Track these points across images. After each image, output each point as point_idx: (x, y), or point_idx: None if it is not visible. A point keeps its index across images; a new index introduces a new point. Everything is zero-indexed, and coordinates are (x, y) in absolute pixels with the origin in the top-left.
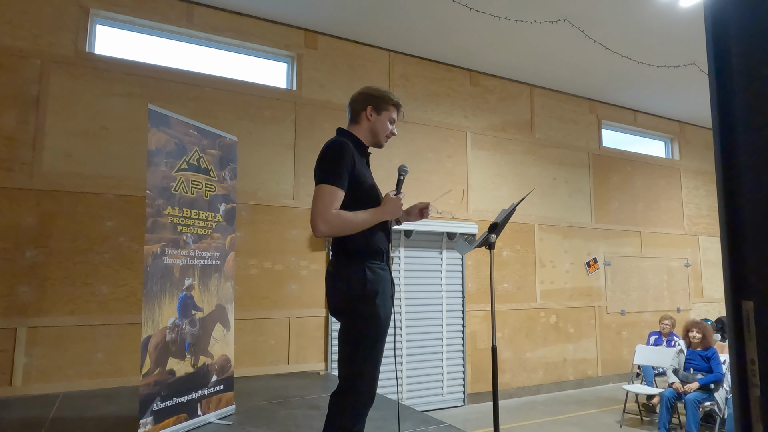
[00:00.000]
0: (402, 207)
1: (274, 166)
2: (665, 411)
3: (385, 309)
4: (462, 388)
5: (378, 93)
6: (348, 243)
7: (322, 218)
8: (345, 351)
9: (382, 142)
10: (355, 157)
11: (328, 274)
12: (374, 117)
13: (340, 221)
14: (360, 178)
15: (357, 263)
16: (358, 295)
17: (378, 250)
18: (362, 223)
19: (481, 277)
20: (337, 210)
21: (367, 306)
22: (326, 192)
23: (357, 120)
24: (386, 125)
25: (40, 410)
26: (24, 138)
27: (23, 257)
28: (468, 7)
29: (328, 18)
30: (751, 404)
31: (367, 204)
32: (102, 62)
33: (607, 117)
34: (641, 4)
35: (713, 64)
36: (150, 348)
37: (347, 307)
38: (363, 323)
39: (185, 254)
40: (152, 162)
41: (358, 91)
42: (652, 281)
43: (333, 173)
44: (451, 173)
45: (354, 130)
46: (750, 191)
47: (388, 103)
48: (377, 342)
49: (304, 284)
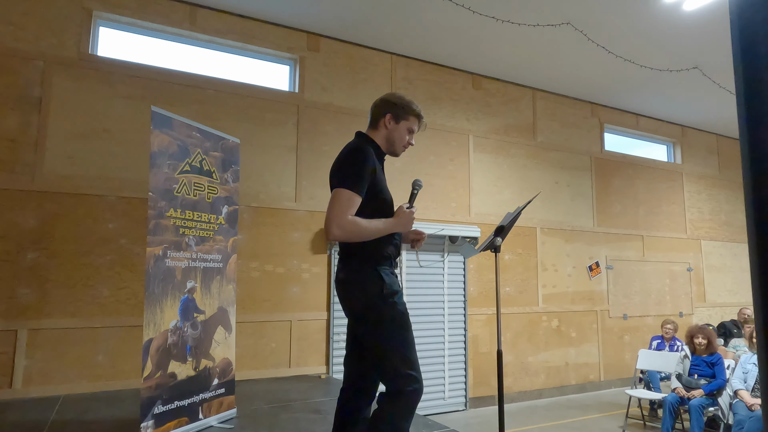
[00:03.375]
0: (414, 221)
1: (276, 168)
2: (669, 416)
3: (403, 305)
4: (464, 392)
5: (399, 101)
6: (360, 248)
7: (336, 222)
8: (376, 355)
9: (398, 152)
10: (376, 163)
11: (340, 282)
12: (392, 125)
13: (354, 227)
14: (378, 185)
15: (370, 268)
16: (376, 299)
17: (388, 255)
18: (375, 232)
19: (483, 280)
20: (353, 216)
21: (387, 307)
22: (344, 197)
23: (376, 125)
24: (404, 135)
25: (41, 413)
26: (26, 140)
27: (24, 259)
28: (471, 11)
29: (331, 21)
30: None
31: (381, 211)
32: (105, 64)
33: (609, 121)
34: (644, 8)
35: (740, 63)
36: (151, 351)
37: (366, 313)
38: (386, 324)
39: (187, 257)
40: (155, 164)
41: (381, 97)
42: (655, 285)
43: (353, 179)
44: (453, 176)
45: (373, 135)
46: None
47: (408, 113)
48: (409, 333)
49: (305, 287)
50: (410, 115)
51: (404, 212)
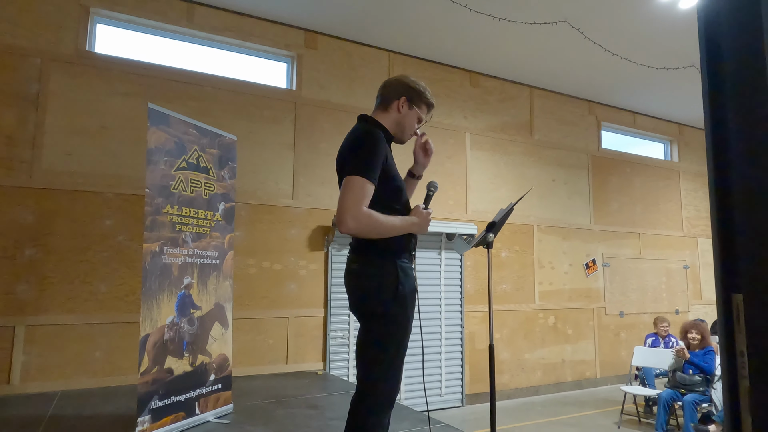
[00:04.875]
0: (430, 222)
1: (273, 165)
2: (663, 412)
3: (412, 311)
4: (460, 389)
5: (416, 86)
6: (379, 239)
7: (351, 214)
8: (369, 353)
9: (405, 140)
10: (387, 150)
11: (352, 272)
12: (405, 110)
13: (370, 221)
14: (390, 172)
15: (389, 262)
16: (389, 297)
17: (406, 247)
18: (390, 230)
19: (480, 277)
20: (368, 209)
21: (398, 309)
22: (358, 185)
23: (387, 108)
24: (414, 122)
25: (38, 408)
26: (23, 136)
27: (22, 255)
28: (468, 8)
29: (329, 18)
30: (740, 396)
31: (393, 200)
32: (102, 61)
33: (606, 119)
34: (640, 6)
35: (705, 65)
36: (148, 346)
37: (376, 310)
38: (392, 326)
39: (184, 253)
40: (151, 161)
41: (395, 78)
42: (651, 283)
43: (366, 166)
44: (451, 174)
45: (381, 119)
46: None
47: (422, 100)
48: (402, 344)
49: (302, 284)
50: (423, 103)
51: (422, 213)
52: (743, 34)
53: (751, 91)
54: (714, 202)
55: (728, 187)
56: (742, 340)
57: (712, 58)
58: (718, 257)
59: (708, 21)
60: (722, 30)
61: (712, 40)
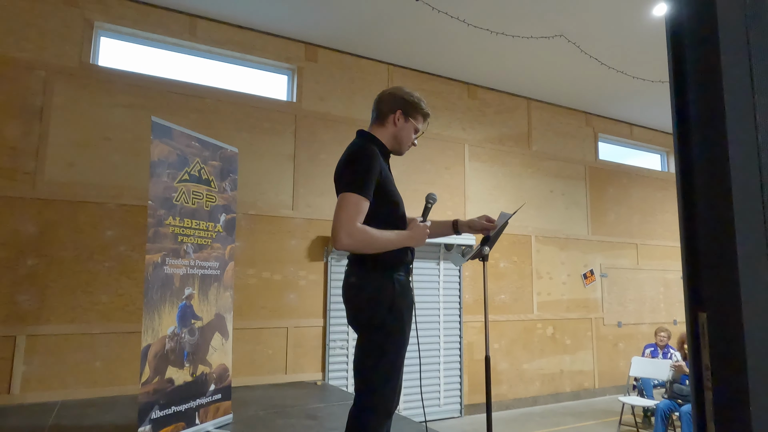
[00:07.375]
0: (428, 235)
1: (273, 176)
2: (660, 422)
3: (409, 323)
4: (459, 399)
5: (411, 98)
6: (376, 253)
7: (346, 230)
8: (365, 365)
9: (404, 151)
10: (382, 165)
11: (351, 285)
12: (401, 123)
13: (364, 237)
14: (387, 188)
15: (384, 275)
16: (385, 310)
17: (403, 261)
18: (386, 245)
19: (478, 288)
20: (362, 224)
21: (394, 321)
22: (352, 202)
23: (383, 122)
24: (411, 134)
25: (39, 418)
26: (27, 148)
27: (24, 266)
28: (466, 23)
29: (329, 32)
30: (706, 405)
31: (392, 216)
32: (105, 74)
33: (603, 130)
34: (635, 21)
35: (672, 75)
36: (149, 356)
37: (373, 322)
38: (388, 338)
39: (185, 264)
40: (155, 173)
41: (388, 91)
42: (649, 293)
43: (360, 182)
44: (449, 185)
45: (377, 133)
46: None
47: (418, 111)
48: (399, 356)
49: (302, 294)
50: (419, 114)
51: (418, 226)
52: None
53: (710, 115)
54: (682, 227)
55: (693, 212)
56: (707, 355)
57: (677, 66)
58: (687, 278)
59: (674, 31)
60: (685, 42)
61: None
